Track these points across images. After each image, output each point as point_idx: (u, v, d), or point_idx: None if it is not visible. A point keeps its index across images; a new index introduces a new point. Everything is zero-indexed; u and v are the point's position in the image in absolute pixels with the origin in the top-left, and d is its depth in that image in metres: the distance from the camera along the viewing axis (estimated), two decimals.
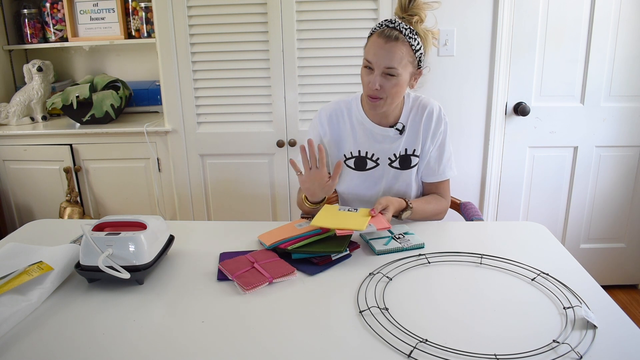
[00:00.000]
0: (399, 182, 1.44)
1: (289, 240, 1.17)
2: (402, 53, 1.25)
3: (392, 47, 1.24)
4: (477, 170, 2.20)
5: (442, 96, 2.09)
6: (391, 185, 1.45)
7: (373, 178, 1.45)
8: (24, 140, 2.20)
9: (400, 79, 1.27)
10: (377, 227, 1.17)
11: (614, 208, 2.29)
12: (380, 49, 1.25)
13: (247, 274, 1.06)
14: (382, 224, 1.18)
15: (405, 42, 1.25)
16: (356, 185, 1.46)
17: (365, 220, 1.17)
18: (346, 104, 1.44)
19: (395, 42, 1.24)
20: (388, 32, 1.25)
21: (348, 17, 2.00)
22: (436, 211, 1.44)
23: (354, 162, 1.44)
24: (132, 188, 2.25)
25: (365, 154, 1.42)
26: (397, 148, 1.41)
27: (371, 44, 1.28)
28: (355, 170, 1.45)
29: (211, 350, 0.83)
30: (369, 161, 1.43)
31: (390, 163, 1.43)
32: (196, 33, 2.03)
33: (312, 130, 1.47)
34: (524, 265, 1.09)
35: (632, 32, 2.05)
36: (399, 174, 1.43)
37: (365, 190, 1.46)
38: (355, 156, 1.43)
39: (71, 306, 0.97)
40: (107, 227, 1.09)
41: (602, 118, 2.16)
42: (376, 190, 1.46)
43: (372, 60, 1.26)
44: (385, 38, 1.24)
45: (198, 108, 2.13)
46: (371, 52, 1.27)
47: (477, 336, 0.85)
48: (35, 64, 2.27)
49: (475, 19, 2.01)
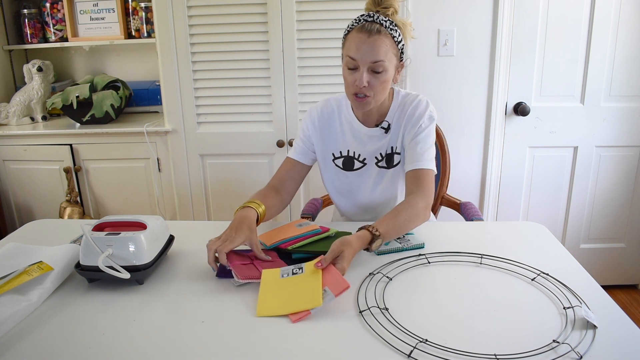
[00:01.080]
0: (386, 181, 1.41)
1: (289, 240, 1.17)
2: (386, 46, 1.20)
3: (376, 41, 1.19)
4: (477, 170, 2.20)
5: (442, 96, 2.09)
6: (378, 184, 1.41)
7: (361, 178, 1.42)
8: (24, 140, 2.20)
9: (387, 73, 1.23)
10: (335, 292, 0.93)
11: (614, 208, 2.29)
12: (364, 43, 1.19)
13: (245, 267, 1.06)
14: (339, 285, 0.95)
15: (387, 35, 1.21)
16: (345, 185, 1.44)
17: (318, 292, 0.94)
18: (337, 102, 1.41)
19: (378, 35, 1.19)
20: (369, 27, 1.20)
21: (348, 17, 1.98)
22: (412, 217, 1.20)
23: (342, 162, 1.42)
24: (132, 188, 2.25)
25: (353, 154, 1.40)
26: (383, 147, 1.38)
27: (352, 40, 1.22)
28: (343, 170, 1.42)
29: (211, 350, 0.83)
30: (356, 161, 1.40)
31: (377, 162, 1.39)
32: (196, 33, 2.03)
33: (302, 129, 1.43)
34: (524, 265, 1.09)
35: (632, 32, 2.05)
36: (385, 172, 1.40)
37: (355, 190, 1.44)
38: (344, 156, 1.41)
39: (71, 306, 0.97)
40: (107, 227, 1.09)
41: (602, 118, 2.16)
42: (365, 191, 1.43)
43: (357, 57, 1.20)
44: (367, 32, 1.19)
45: (198, 108, 2.13)
46: (353, 48, 1.21)
47: (477, 336, 0.85)
48: (35, 64, 2.27)
49: (475, 19, 2.01)
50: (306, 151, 1.42)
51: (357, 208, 1.46)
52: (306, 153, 1.42)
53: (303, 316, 0.91)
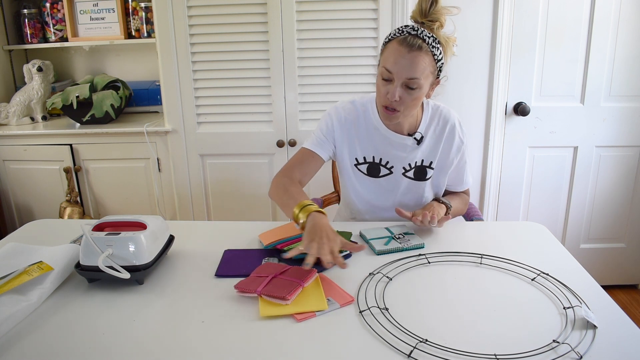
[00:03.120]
0: (411, 193, 1.39)
1: (288, 240, 1.17)
2: (425, 63, 1.17)
3: (415, 57, 1.15)
4: (477, 170, 2.20)
5: (442, 96, 2.09)
6: (404, 195, 1.39)
7: (386, 186, 1.39)
8: (24, 140, 2.20)
9: (421, 90, 1.20)
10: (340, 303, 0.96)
11: (614, 208, 2.29)
12: (402, 58, 1.16)
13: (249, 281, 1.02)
14: (343, 298, 0.97)
15: (428, 52, 1.17)
16: (368, 192, 1.41)
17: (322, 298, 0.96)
18: (362, 106, 1.35)
19: (418, 52, 1.15)
20: (411, 40, 1.16)
21: (348, 17, 2.00)
22: (463, 210, 1.50)
23: (366, 168, 1.37)
24: (132, 188, 2.25)
25: (379, 161, 1.36)
26: (414, 158, 1.35)
27: (391, 52, 1.18)
28: (367, 177, 1.38)
29: (211, 350, 0.83)
30: (383, 168, 1.37)
31: (404, 172, 1.37)
32: (196, 33, 2.03)
33: (325, 125, 1.36)
34: (524, 265, 1.09)
35: (632, 32, 2.05)
36: (412, 184, 1.38)
37: (377, 198, 1.41)
38: (369, 162, 1.37)
39: (71, 306, 0.97)
40: (107, 227, 1.09)
41: (602, 118, 2.16)
42: (388, 200, 1.41)
43: (393, 70, 1.17)
44: (408, 47, 1.15)
45: (198, 108, 2.13)
46: (391, 60, 1.17)
47: (477, 336, 0.85)
48: (35, 64, 2.27)
49: (475, 19, 2.01)
50: (326, 144, 1.36)
51: (374, 211, 1.44)
52: (325, 146, 1.36)
53: (308, 317, 0.91)
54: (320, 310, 0.93)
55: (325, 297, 0.97)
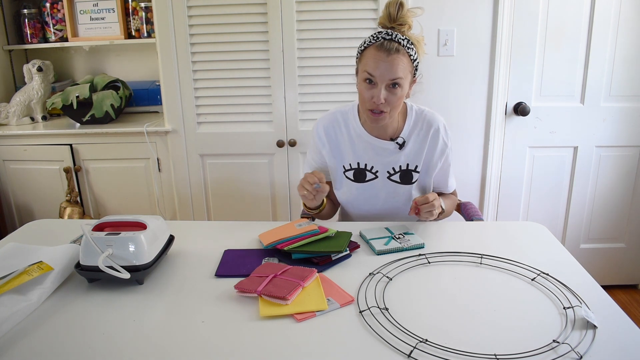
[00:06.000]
0: (398, 196, 1.43)
1: (288, 240, 1.17)
2: (403, 64, 1.24)
3: (394, 60, 1.23)
4: (477, 170, 2.20)
5: (442, 96, 2.09)
6: (390, 198, 1.43)
7: (372, 190, 1.43)
8: (24, 140, 2.20)
9: (403, 89, 1.27)
10: (340, 303, 0.96)
11: (614, 208, 2.29)
12: (383, 62, 1.23)
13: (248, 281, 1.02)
14: (343, 298, 0.98)
15: (405, 53, 1.25)
16: (355, 197, 1.45)
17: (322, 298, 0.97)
18: (342, 115, 1.43)
19: (396, 54, 1.23)
20: (388, 45, 1.23)
21: (348, 17, 1.99)
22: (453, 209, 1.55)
23: (353, 174, 1.43)
24: (132, 188, 2.25)
25: (364, 166, 1.41)
26: (397, 162, 1.39)
27: (370, 58, 1.25)
28: (354, 182, 1.43)
29: (211, 350, 0.83)
30: (368, 173, 1.41)
31: (389, 176, 1.41)
32: (196, 33, 2.03)
33: (312, 143, 1.47)
34: (524, 265, 1.09)
35: (632, 32, 2.05)
36: (397, 187, 1.42)
37: (364, 202, 1.45)
38: (354, 168, 1.42)
39: (71, 306, 0.97)
40: (107, 227, 1.09)
41: (602, 118, 2.16)
42: (375, 204, 1.45)
43: (376, 74, 1.24)
44: (386, 51, 1.23)
45: (198, 108, 2.13)
46: (372, 65, 1.24)
47: (477, 336, 0.85)
48: (35, 64, 2.27)
49: (475, 19, 2.01)
50: (320, 165, 1.48)
51: (366, 217, 1.47)
52: (320, 167, 1.47)
53: (308, 317, 0.92)
54: (320, 310, 0.93)
55: (325, 297, 0.97)
